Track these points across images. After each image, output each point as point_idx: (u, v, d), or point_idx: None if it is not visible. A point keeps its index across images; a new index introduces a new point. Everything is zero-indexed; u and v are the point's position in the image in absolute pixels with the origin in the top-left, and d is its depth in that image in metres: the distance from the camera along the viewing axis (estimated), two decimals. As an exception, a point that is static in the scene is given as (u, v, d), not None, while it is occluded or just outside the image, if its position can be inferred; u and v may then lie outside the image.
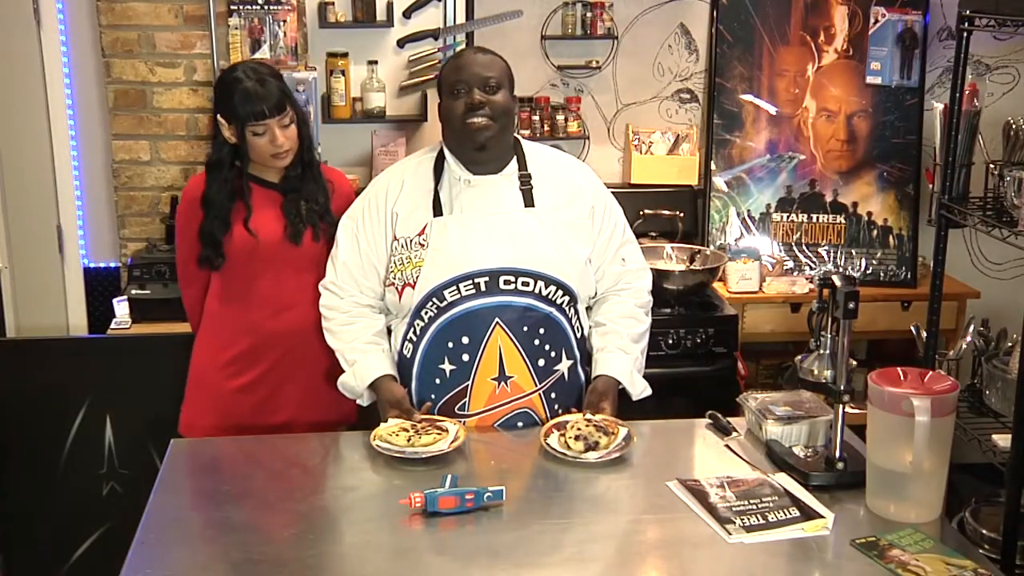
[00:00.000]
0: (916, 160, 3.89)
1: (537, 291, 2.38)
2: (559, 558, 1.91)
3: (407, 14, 3.76)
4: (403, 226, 2.43)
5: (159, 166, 3.73)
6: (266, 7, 3.61)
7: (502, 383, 2.40)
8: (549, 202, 2.43)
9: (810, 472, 2.14)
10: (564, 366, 2.44)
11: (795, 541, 1.94)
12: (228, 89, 2.54)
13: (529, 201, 2.41)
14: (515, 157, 2.46)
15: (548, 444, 2.27)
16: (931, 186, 3.65)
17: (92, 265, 3.81)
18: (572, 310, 2.45)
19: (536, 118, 3.86)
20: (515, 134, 2.50)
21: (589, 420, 2.33)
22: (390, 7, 3.74)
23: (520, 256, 2.37)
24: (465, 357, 2.38)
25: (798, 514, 2.01)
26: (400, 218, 2.44)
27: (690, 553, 1.92)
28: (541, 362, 2.41)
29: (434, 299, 2.37)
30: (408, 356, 2.45)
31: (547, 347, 2.41)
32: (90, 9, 3.62)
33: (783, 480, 2.14)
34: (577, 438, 2.27)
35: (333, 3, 3.70)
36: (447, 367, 2.39)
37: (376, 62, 3.74)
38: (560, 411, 2.46)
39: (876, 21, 3.85)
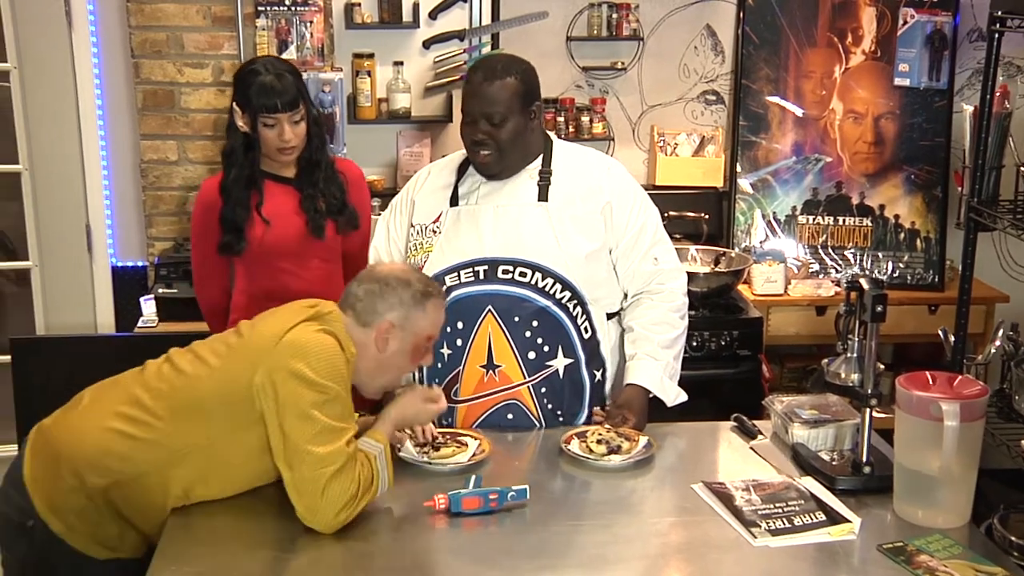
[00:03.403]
0: (944, 163, 3.86)
1: (534, 283, 2.39)
2: (583, 560, 1.91)
3: (433, 15, 3.77)
4: (419, 213, 2.51)
5: (186, 166, 3.76)
6: (293, 8, 3.63)
7: (490, 371, 2.41)
8: (563, 197, 2.44)
9: (836, 476, 2.13)
10: (560, 363, 2.43)
11: (821, 545, 1.93)
12: (246, 80, 2.63)
13: (543, 196, 2.43)
14: (541, 155, 2.47)
15: (569, 449, 2.26)
16: (960, 189, 3.62)
17: (120, 264, 3.84)
18: (578, 309, 2.43)
19: (561, 119, 3.86)
20: (544, 132, 2.52)
21: (610, 428, 2.33)
22: (416, 8, 3.75)
23: (521, 247, 2.39)
24: (459, 342, 2.41)
25: (824, 518, 2.00)
26: (417, 206, 2.52)
27: (715, 556, 1.91)
28: (532, 355, 2.41)
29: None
30: None
31: (539, 340, 2.41)
32: (120, 10, 3.65)
33: (809, 484, 2.13)
34: (599, 442, 2.27)
35: (359, 4, 3.71)
36: (445, 351, 2.43)
37: (402, 63, 3.75)
38: (552, 408, 2.45)
39: (905, 22, 3.82)
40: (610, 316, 2.52)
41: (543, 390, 2.44)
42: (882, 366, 2.17)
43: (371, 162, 3.86)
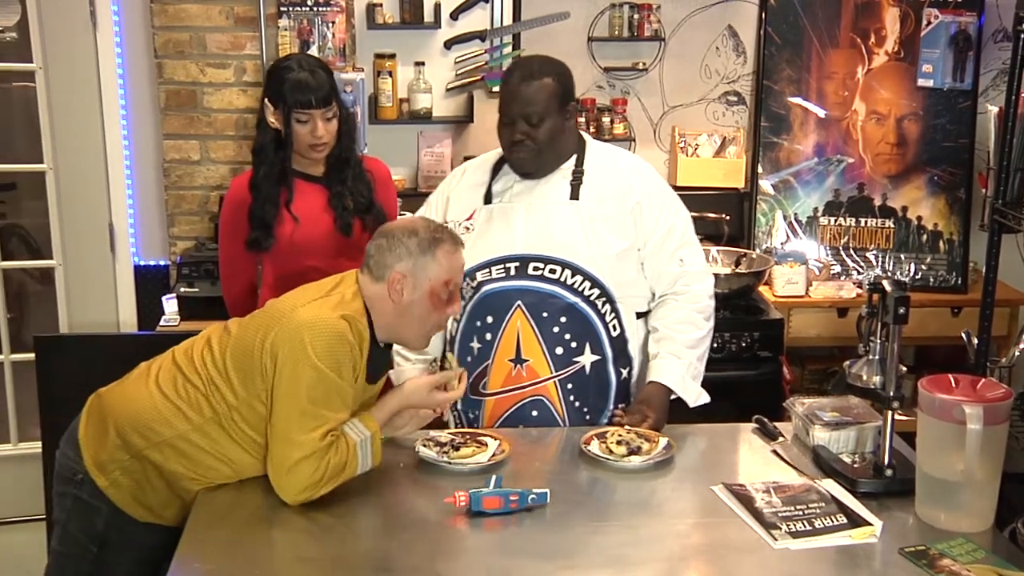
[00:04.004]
0: (968, 164, 3.83)
1: (563, 280, 2.42)
2: (602, 560, 1.91)
3: (454, 15, 3.78)
4: (453, 210, 2.56)
5: (208, 165, 3.78)
6: (315, 8, 3.64)
7: (518, 366, 2.45)
8: (594, 196, 2.47)
9: (858, 479, 2.12)
10: (587, 359, 2.45)
11: (842, 548, 1.92)
12: (280, 75, 2.66)
13: (575, 195, 2.46)
14: (575, 155, 2.51)
15: (589, 450, 2.26)
16: (983, 190, 3.59)
17: (142, 263, 3.86)
18: (606, 306, 2.45)
19: (582, 120, 3.85)
20: (578, 132, 2.56)
21: (629, 429, 2.33)
22: (437, 8, 3.76)
23: (551, 245, 2.43)
24: (488, 336, 2.46)
25: (845, 521, 1.99)
26: (451, 203, 2.58)
27: (735, 558, 1.91)
28: (559, 350, 2.44)
29: (468, 279, 2.47)
30: (452, 334, 2.54)
31: (567, 336, 2.43)
32: (144, 11, 3.68)
33: (830, 486, 2.12)
34: (619, 443, 2.27)
35: (381, 4, 3.72)
36: (475, 345, 2.49)
37: (423, 63, 3.76)
38: (578, 405, 2.48)
39: (928, 23, 3.80)
40: (639, 315, 2.54)
41: (569, 386, 2.46)
42: (904, 368, 2.16)
43: (392, 162, 3.82)
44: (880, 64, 3.87)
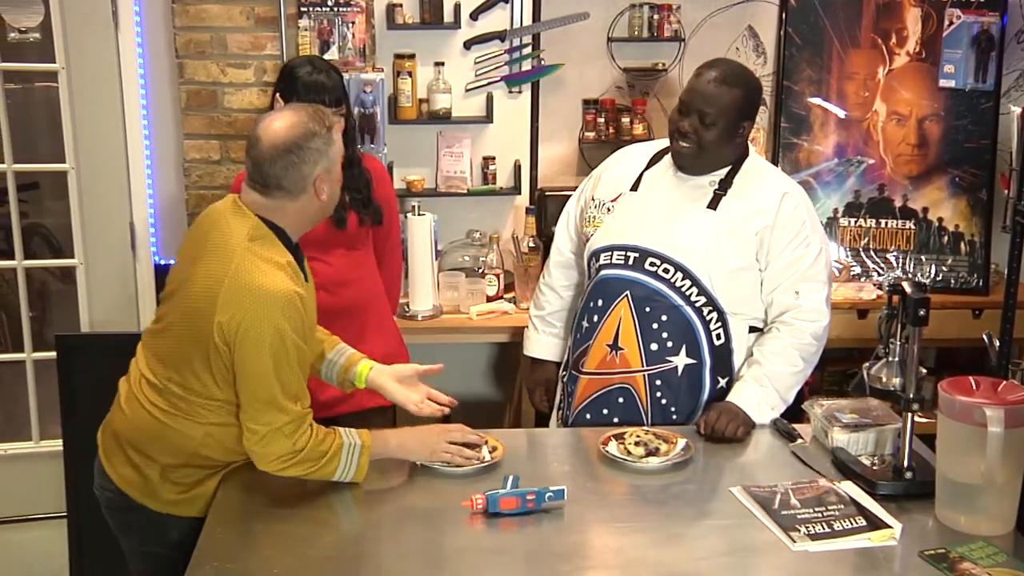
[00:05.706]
0: (990, 165, 3.80)
1: (673, 281, 2.48)
2: (620, 562, 1.91)
3: (474, 16, 3.78)
4: (601, 190, 2.69)
5: (228, 165, 3.80)
6: (335, 9, 3.65)
7: (613, 352, 2.52)
8: (730, 211, 2.51)
9: (877, 481, 2.11)
10: (680, 361, 2.50)
11: (861, 551, 1.92)
12: (295, 73, 2.77)
13: (713, 204, 2.51)
14: (730, 167, 2.55)
15: (607, 451, 2.26)
16: (1006, 191, 3.56)
17: (163, 262, 3.88)
18: (712, 315, 2.50)
19: (601, 120, 3.85)
20: (746, 148, 2.59)
21: (647, 430, 2.33)
22: (457, 9, 3.76)
23: (673, 245, 2.49)
24: (595, 318, 2.55)
25: (864, 523, 1.98)
26: (602, 182, 2.71)
27: (753, 560, 1.90)
28: (654, 346, 2.49)
29: (593, 259, 2.61)
30: (578, 306, 2.70)
31: (664, 335, 2.49)
32: (165, 11, 3.70)
33: (849, 488, 2.11)
34: (638, 443, 2.27)
35: (401, 5, 3.73)
36: (584, 324, 2.59)
37: (443, 63, 3.77)
38: (665, 403, 2.51)
39: (951, 23, 3.77)
40: (752, 330, 2.57)
41: (658, 382, 2.51)
42: (924, 370, 2.15)
43: (411, 162, 3.87)
44: (901, 64, 3.84)
